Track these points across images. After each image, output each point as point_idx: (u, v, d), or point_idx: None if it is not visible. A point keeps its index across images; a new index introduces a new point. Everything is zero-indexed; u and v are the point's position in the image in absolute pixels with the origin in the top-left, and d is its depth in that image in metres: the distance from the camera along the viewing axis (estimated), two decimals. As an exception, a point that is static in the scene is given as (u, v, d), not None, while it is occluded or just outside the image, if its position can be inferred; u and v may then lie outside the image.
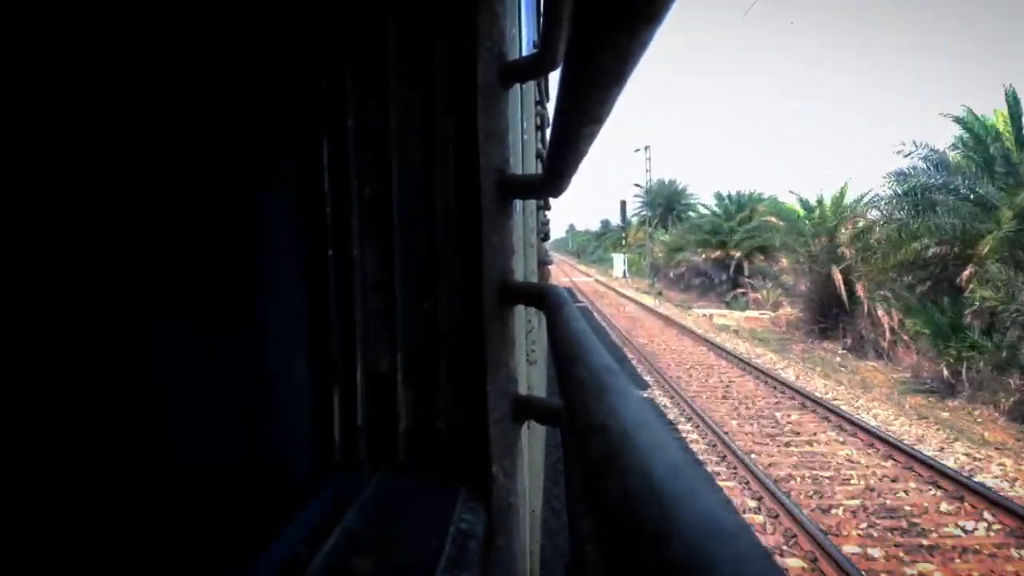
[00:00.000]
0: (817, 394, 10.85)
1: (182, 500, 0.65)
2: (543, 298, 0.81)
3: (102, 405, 0.57)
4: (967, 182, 14.84)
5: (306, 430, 0.85)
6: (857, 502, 6.55)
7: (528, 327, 2.25)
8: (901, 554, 5.52)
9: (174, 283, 0.66)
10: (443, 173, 0.82)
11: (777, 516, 6.20)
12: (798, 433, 8.85)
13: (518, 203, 0.98)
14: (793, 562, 5.41)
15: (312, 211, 0.83)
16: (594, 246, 65.97)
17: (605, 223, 68.37)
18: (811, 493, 6.80)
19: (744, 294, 25.78)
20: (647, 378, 12.44)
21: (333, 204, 0.82)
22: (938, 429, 9.38)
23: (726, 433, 8.61)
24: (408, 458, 0.83)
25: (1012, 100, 14.46)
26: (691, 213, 37.62)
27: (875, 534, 5.90)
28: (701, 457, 7.84)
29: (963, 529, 5.93)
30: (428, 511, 0.75)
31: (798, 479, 7.22)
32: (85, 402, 0.55)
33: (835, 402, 10.44)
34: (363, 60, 0.82)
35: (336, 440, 0.83)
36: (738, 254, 27.94)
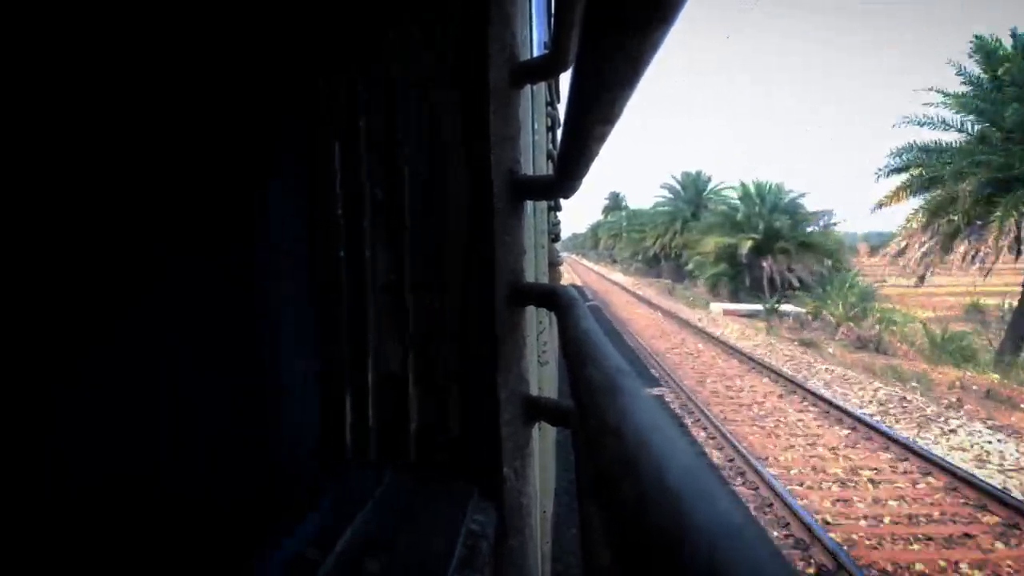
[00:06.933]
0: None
1: (192, 498, 0.65)
2: (554, 299, 0.81)
3: (111, 402, 0.58)
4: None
5: (317, 430, 0.86)
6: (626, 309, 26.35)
7: (539, 328, 2.24)
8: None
9: (188, 285, 0.67)
10: (454, 174, 0.82)
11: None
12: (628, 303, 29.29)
13: (529, 204, 0.98)
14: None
15: (324, 212, 0.83)
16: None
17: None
18: (622, 309, 26.63)
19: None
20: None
21: (345, 205, 0.83)
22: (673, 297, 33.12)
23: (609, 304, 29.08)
24: (419, 458, 0.83)
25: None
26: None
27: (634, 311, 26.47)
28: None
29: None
30: (439, 512, 0.75)
31: (624, 311, 25.64)
32: (94, 400, 0.56)
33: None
34: (375, 62, 0.82)
35: (347, 440, 0.84)
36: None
